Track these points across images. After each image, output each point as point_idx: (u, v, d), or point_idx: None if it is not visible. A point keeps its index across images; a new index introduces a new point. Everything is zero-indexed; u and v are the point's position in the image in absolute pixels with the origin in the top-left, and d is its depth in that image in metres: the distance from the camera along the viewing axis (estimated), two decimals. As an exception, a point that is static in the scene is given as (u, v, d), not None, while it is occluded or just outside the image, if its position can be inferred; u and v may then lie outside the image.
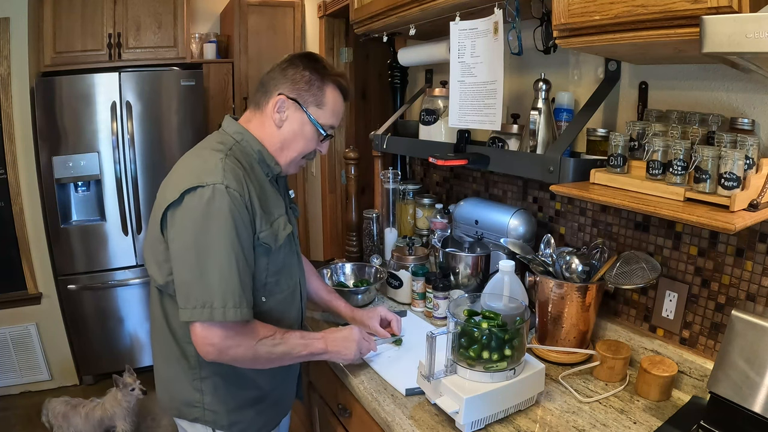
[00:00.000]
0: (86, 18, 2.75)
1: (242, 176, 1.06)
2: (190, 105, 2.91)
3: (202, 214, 1.01)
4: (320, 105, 1.16)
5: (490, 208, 1.64)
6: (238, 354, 1.05)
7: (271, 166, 1.17)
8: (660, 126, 1.13)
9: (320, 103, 1.16)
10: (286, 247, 1.18)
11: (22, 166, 2.70)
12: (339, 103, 1.19)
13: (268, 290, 1.16)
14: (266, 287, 1.15)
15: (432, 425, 1.08)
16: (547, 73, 1.42)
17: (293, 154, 1.18)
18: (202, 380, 1.15)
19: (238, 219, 1.03)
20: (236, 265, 1.02)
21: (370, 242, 2.02)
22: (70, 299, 2.86)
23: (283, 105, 1.14)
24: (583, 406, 1.14)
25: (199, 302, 1.00)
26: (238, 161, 1.10)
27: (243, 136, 1.15)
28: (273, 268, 1.15)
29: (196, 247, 1.01)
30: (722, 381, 1.00)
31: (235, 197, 1.02)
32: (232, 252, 1.02)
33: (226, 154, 1.08)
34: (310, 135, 1.17)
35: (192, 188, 1.01)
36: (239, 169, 1.07)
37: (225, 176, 1.02)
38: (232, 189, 1.02)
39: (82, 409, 2.36)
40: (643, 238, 1.33)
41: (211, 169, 1.03)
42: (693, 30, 0.81)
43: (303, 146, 1.18)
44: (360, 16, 1.80)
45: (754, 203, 0.94)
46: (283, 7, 3.16)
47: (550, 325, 1.33)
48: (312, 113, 1.15)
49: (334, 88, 1.17)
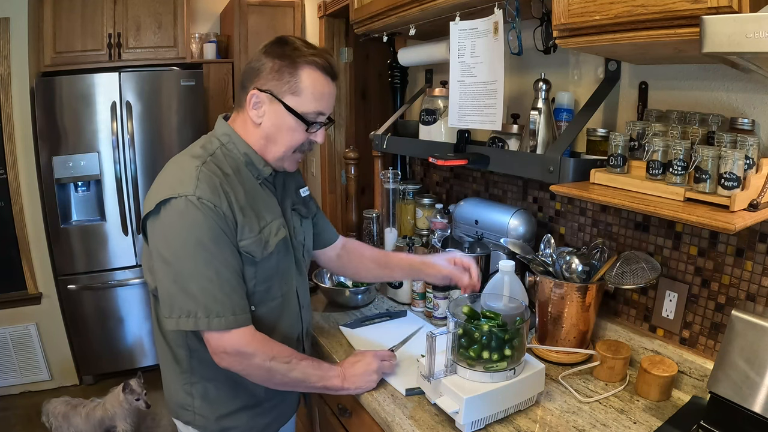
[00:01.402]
0: (86, 18, 2.75)
1: (219, 185, 1.02)
2: (190, 105, 2.91)
3: (178, 225, 0.99)
4: (296, 92, 1.05)
5: (490, 208, 1.64)
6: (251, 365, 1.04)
7: (260, 169, 1.12)
8: (660, 126, 1.13)
9: (296, 90, 1.05)
10: (280, 252, 1.14)
11: (22, 166, 2.71)
12: (321, 84, 1.07)
13: (257, 299, 1.11)
14: (255, 296, 1.11)
15: (432, 425, 1.08)
16: (547, 73, 1.42)
17: (281, 149, 1.10)
18: (192, 384, 1.14)
19: (215, 229, 1.00)
20: (216, 275, 1.00)
21: (370, 242, 2.02)
22: (70, 299, 2.86)
23: (257, 100, 1.06)
24: (583, 406, 1.14)
25: (183, 312, 0.99)
26: (219, 167, 1.06)
27: (230, 138, 1.11)
28: (262, 275, 1.11)
29: (175, 259, 0.99)
30: (722, 381, 1.00)
31: (208, 208, 0.99)
32: (212, 262, 0.99)
33: (204, 161, 1.04)
34: (293, 126, 1.07)
35: (166, 200, 0.99)
36: (216, 177, 1.03)
37: (198, 186, 0.99)
38: (205, 200, 0.99)
39: (82, 409, 2.36)
40: (643, 238, 1.33)
41: (185, 179, 1.00)
42: (693, 30, 0.81)
43: (289, 139, 1.09)
44: (360, 16, 1.80)
45: (754, 203, 0.94)
46: (283, 7, 3.16)
47: (550, 325, 1.33)
48: (289, 102, 1.05)
49: (311, 70, 1.05)
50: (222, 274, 1.01)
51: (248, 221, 1.06)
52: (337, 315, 1.61)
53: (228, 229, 1.02)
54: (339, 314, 1.62)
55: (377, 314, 1.61)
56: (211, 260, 0.99)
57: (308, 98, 1.06)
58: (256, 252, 1.07)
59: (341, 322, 1.54)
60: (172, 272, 1.00)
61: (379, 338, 1.45)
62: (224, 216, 1.01)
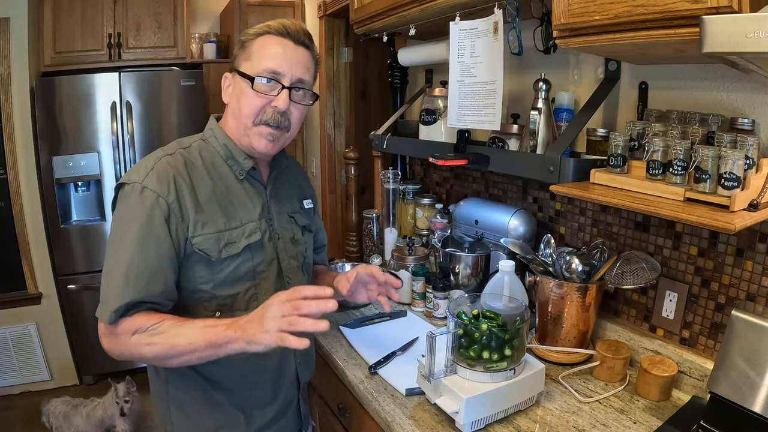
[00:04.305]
0: (86, 18, 2.75)
1: (172, 176, 1.00)
2: (190, 105, 2.91)
3: (120, 211, 1.00)
4: (249, 58, 1.06)
5: (490, 208, 1.64)
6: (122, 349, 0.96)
7: (240, 162, 1.09)
8: (660, 126, 1.13)
9: (248, 56, 1.06)
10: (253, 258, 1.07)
11: (22, 166, 2.71)
12: (272, 44, 1.05)
13: (221, 304, 1.05)
14: (216, 300, 1.04)
15: (432, 425, 1.08)
16: (547, 73, 1.42)
17: (244, 120, 1.06)
18: (168, 395, 1.09)
19: (147, 221, 0.96)
20: (126, 267, 0.95)
21: (370, 242, 2.03)
22: (70, 299, 2.86)
23: (226, 80, 1.11)
24: (583, 406, 1.14)
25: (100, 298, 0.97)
26: (188, 160, 1.05)
27: (213, 132, 1.11)
28: (223, 278, 1.04)
29: (109, 243, 1.00)
30: (722, 381, 1.00)
31: (148, 197, 0.97)
32: (131, 252, 0.95)
33: (170, 154, 1.04)
34: (248, 90, 1.04)
35: (120, 185, 1.02)
36: (172, 169, 1.01)
37: (147, 176, 0.99)
38: (149, 189, 0.97)
39: (83, 409, 2.36)
40: (643, 238, 1.33)
41: (140, 169, 1.01)
42: (693, 30, 0.81)
43: (248, 105, 1.05)
44: (360, 16, 1.80)
45: (754, 203, 0.94)
46: (283, 7, 3.16)
47: (550, 325, 1.33)
48: (243, 69, 1.06)
49: (265, 36, 1.06)
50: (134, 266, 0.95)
51: (206, 217, 1.02)
52: (337, 315, 1.61)
53: (172, 220, 0.99)
54: (339, 314, 1.62)
55: (377, 314, 1.61)
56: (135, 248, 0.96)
57: (257, 58, 1.05)
58: (211, 251, 1.02)
59: (341, 322, 1.54)
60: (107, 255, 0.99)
61: (379, 338, 1.45)
62: (168, 207, 0.98)
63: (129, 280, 0.95)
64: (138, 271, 0.95)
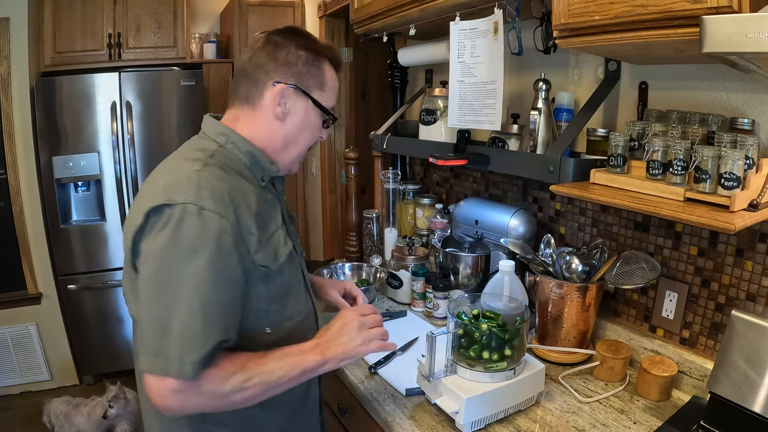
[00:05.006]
0: (86, 18, 2.75)
1: (225, 191, 0.85)
2: (190, 105, 2.91)
3: (169, 241, 0.80)
4: (322, 86, 0.99)
5: (490, 208, 1.64)
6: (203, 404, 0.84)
7: (265, 168, 0.98)
8: (660, 126, 1.13)
9: (322, 84, 0.99)
10: (289, 265, 0.99)
11: (22, 166, 2.71)
12: (336, 80, 1.03)
13: (272, 319, 0.96)
14: (269, 315, 0.95)
15: (432, 425, 1.08)
16: (547, 73, 1.42)
17: (299, 149, 1.01)
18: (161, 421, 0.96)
19: (215, 249, 0.81)
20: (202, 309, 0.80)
21: (370, 242, 2.02)
22: (70, 299, 2.86)
23: (284, 95, 0.95)
24: (583, 406, 1.14)
25: (152, 350, 0.80)
26: (224, 171, 0.90)
27: (228, 137, 0.96)
28: (274, 293, 0.95)
29: (157, 283, 0.81)
30: (722, 381, 1.00)
31: (211, 221, 0.82)
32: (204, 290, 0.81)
33: (205, 164, 0.88)
34: (315, 123, 1.00)
35: (157, 207, 0.82)
36: (222, 183, 0.86)
37: (198, 193, 0.82)
38: (208, 210, 0.82)
39: (84, 408, 2.36)
40: (643, 238, 1.33)
41: (182, 184, 0.83)
42: (693, 30, 0.81)
43: (309, 137, 1.01)
44: (360, 16, 1.80)
45: (754, 203, 0.94)
46: (283, 7, 3.16)
47: (550, 325, 1.33)
48: (317, 97, 0.98)
49: (329, 64, 1.00)
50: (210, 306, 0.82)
51: (261, 231, 0.91)
52: (337, 315, 1.61)
53: (239, 244, 0.86)
54: (339, 314, 1.62)
55: (377, 314, 1.61)
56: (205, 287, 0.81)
57: (330, 93, 1.01)
58: (270, 263, 0.93)
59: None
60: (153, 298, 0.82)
61: (379, 338, 1.45)
62: (232, 230, 0.85)
63: (207, 322, 0.81)
64: (216, 310, 0.82)
